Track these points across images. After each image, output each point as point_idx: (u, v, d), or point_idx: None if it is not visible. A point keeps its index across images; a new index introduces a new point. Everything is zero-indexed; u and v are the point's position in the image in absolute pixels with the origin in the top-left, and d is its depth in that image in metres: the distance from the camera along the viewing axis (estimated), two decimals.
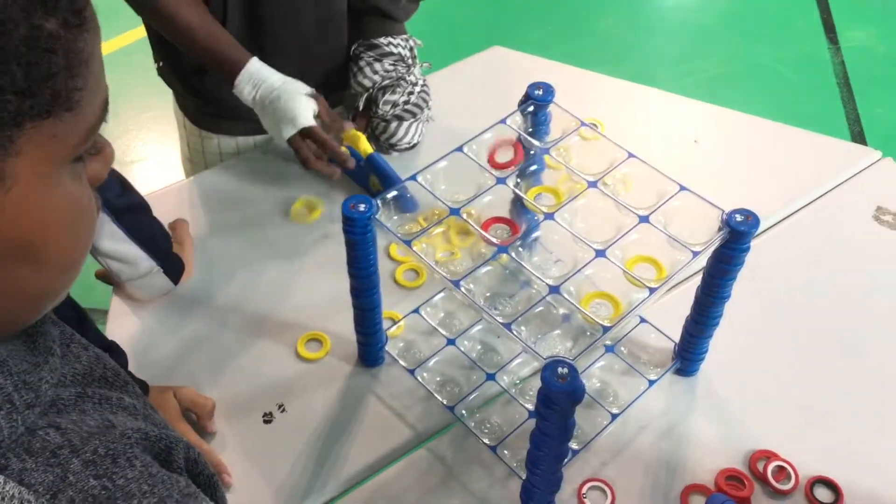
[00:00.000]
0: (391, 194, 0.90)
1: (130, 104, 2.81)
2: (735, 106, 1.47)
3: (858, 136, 2.81)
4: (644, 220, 0.88)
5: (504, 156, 0.96)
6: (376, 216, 0.87)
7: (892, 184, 1.31)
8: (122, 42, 3.00)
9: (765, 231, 1.23)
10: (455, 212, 0.90)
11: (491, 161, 0.95)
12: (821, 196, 1.29)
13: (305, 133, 1.19)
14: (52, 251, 0.42)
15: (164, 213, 1.22)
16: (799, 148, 1.37)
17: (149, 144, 2.73)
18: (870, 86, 3.01)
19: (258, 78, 1.18)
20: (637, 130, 1.38)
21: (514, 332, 0.79)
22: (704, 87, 3.00)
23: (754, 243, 1.19)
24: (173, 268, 1.10)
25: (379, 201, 0.88)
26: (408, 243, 0.86)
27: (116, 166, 1.00)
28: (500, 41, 1.61)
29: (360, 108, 1.32)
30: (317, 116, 1.21)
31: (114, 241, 1.02)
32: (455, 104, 1.41)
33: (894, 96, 2.97)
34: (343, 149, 1.22)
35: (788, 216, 1.26)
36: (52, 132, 0.39)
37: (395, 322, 1.08)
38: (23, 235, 0.39)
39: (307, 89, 1.20)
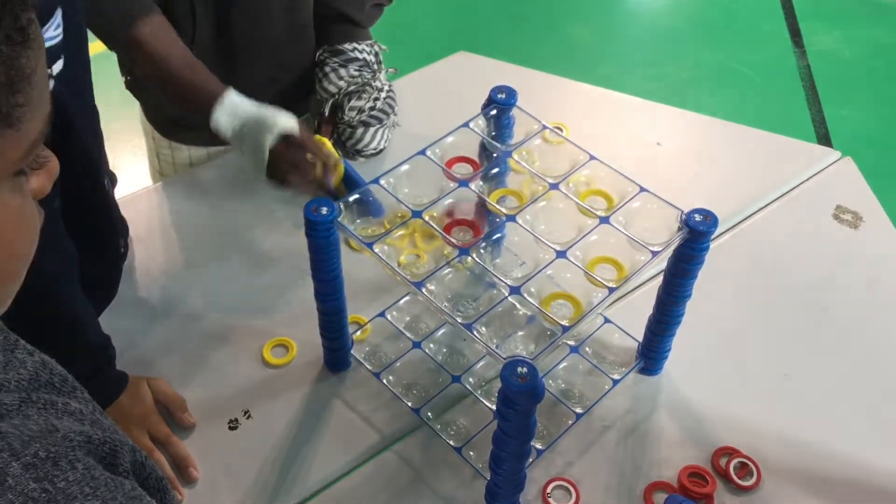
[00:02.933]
0: (353, 198, 0.90)
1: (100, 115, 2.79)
2: (703, 109, 1.49)
3: (824, 139, 2.85)
4: (604, 221, 0.89)
5: (461, 171, 0.97)
6: (338, 219, 0.87)
7: (851, 183, 1.33)
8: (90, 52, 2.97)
9: (727, 230, 1.25)
10: (417, 214, 0.90)
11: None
12: (781, 196, 1.31)
13: (287, 141, 1.10)
14: None
15: (133, 219, 1.21)
16: (760, 149, 1.40)
17: (118, 155, 2.71)
18: (835, 89, 3.06)
19: (236, 105, 1.11)
20: (601, 134, 1.40)
21: (475, 333, 0.80)
22: (673, 91, 3.04)
23: (716, 243, 1.22)
24: (125, 250, 1.11)
25: (342, 204, 0.88)
26: (369, 245, 0.86)
27: None
28: (469, 48, 1.62)
29: (326, 113, 1.32)
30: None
31: None
32: (421, 109, 1.41)
33: (859, 99, 3.03)
34: (329, 156, 1.13)
35: (750, 216, 1.28)
36: None
37: (360, 326, 1.08)
38: None
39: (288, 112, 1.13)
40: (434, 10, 3.47)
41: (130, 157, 2.69)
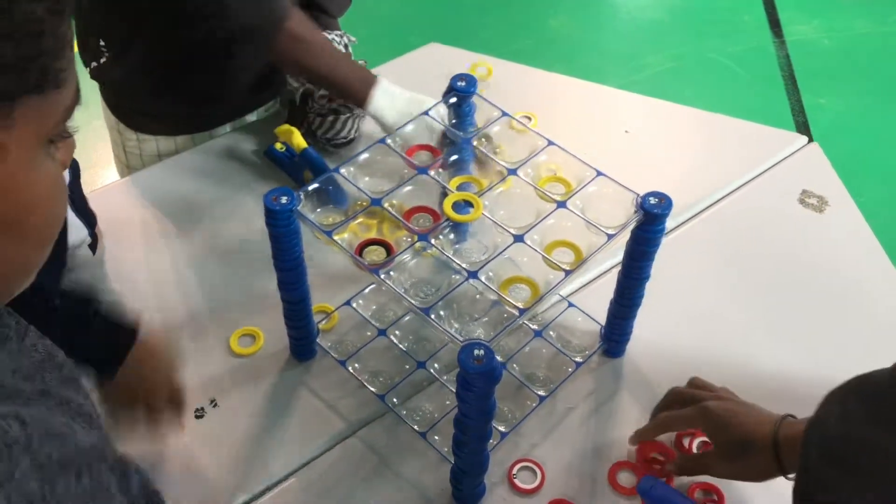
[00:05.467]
0: (313, 186, 0.91)
1: (81, 108, 2.79)
2: (683, 100, 1.49)
3: (803, 127, 2.87)
4: (562, 205, 0.90)
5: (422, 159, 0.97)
6: (298, 208, 0.88)
7: (817, 168, 1.34)
8: None
9: (695, 216, 1.26)
10: (377, 202, 0.91)
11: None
12: (749, 181, 1.32)
13: None
14: (34, 225, 0.45)
15: (102, 211, 1.21)
16: (728, 135, 1.41)
17: (98, 150, 2.71)
18: (814, 78, 3.08)
19: (392, 91, 1.22)
20: (570, 122, 1.41)
21: (433, 317, 0.81)
22: (654, 82, 3.05)
23: (683, 228, 1.23)
24: (94, 241, 1.12)
25: (302, 193, 0.89)
26: (329, 234, 0.87)
27: None
28: (450, 40, 1.62)
29: (297, 103, 1.33)
30: None
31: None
32: None
33: (837, 88, 3.04)
34: None
35: (717, 201, 1.29)
36: (38, 109, 0.42)
37: (327, 315, 1.09)
38: (10, 208, 0.43)
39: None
40: (415, 3, 3.47)
41: (108, 151, 2.68)
